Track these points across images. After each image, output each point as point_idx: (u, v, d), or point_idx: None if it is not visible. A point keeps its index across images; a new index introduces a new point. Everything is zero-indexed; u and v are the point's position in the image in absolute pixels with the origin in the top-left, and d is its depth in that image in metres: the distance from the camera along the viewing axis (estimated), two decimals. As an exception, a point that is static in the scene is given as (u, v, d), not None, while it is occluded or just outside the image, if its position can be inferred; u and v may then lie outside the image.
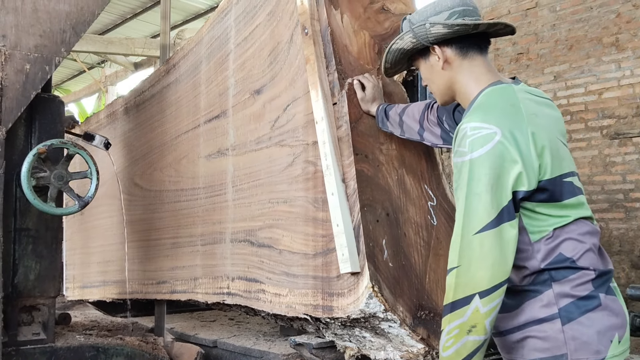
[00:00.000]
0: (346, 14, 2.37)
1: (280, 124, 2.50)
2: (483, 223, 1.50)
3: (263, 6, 2.61)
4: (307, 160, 2.34)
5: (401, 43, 1.81)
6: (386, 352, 2.30)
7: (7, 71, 2.59)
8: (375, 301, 2.07)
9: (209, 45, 2.96)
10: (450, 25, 1.67)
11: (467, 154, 1.53)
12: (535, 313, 1.56)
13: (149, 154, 3.51)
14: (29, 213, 2.75)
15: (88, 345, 2.79)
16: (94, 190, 2.79)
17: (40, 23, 2.67)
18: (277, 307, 2.45)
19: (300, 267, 2.35)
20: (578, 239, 1.57)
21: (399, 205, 2.27)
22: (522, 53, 7.67)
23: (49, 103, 2.83)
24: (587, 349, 1.51)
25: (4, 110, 2.57)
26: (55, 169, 2.70)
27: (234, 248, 2.72)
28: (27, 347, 2.69)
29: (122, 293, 3.68)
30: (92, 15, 2.78)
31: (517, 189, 1.51)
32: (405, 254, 2.23)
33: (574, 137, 7.00)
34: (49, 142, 2.67)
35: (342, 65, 2.31)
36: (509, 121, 1.54)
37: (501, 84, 1.66)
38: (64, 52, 2.73)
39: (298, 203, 2.38)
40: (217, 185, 2.86)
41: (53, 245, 2.83)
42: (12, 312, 2.70)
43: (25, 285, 2.75)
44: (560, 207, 1.56)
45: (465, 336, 1.50)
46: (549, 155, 1.54)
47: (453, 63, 1.73)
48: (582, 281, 1.55)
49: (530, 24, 7.57)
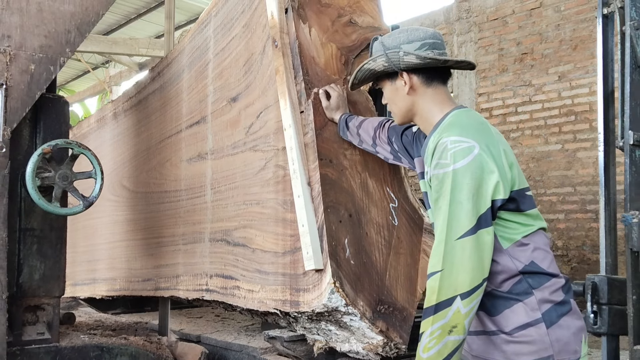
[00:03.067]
0: (314, 28, 2.59)
1: (254, 130, 2.72)
2: (465, 229, 1.63)
3: (239, 19, 2.83)
4: (277, 165, 2.56)
5: (373, 64, 1.95)
6: (350, 344, 2.52)
7: (12, 71, 2.61)
8: (337, 296, 2.27)
9: (190, 55, 3.19)
10: (423, 58, 1.84)
11: (449, 165, 1.67)
12: (520, 319, 1.67)
13: (136, 157, 3.74)
14: (34, 213, 2.79)
15: (92, 345, 2.84)
16: (98, 190, 2.82)
17: (45, 23, 2.70)
18: (250, 302, 2.67)
19: (270, 265, 2.57)
20: (544, 248, 1.74)
21: (362, 207, 2.48)
22: (527, 53, 7.81)
23: (53, 103, 2.87)
24: (567, 350, 1.66)
25: (8, 110, 2.59)
26: (60, 169, 2.74)
27: (212, 247, 2.95)
28: (32, 346, 2.72)
29: (110, 290, 3.91)
30: (97, 16, 2.82)
31: (495, 198, 1.65)
32: (367, 252, 2.44)
33: (578, 137, 7.12)
34: (54, 142, 2.71)
35: (309, 75, 2.53)
36: (483, 136, 1.71)
37: (465, 108, 1.87)
38: (68, 53, 2.76)
39: (269, 205, 2.60)
40: (197, 187, 3.10)
41: (58, 245, 2.86)
42: (17, 311, 2.74)
43: (30, 285, 2.78)
44: (526, 216, 1.72)
45: (446, 336, 1.61)
46: (516, 169, 1.73)
47: (418, 90, 1.89)
48: (555, 288, 1.71)
49: (535, 23, 7.68)
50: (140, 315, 3.88)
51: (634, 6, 2.23)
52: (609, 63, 2.38)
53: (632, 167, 2.20)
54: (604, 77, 2.37)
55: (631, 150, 2.20)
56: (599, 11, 2.35)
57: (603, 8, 2.33)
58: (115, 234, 3.93)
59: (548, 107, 7.56)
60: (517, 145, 8.06)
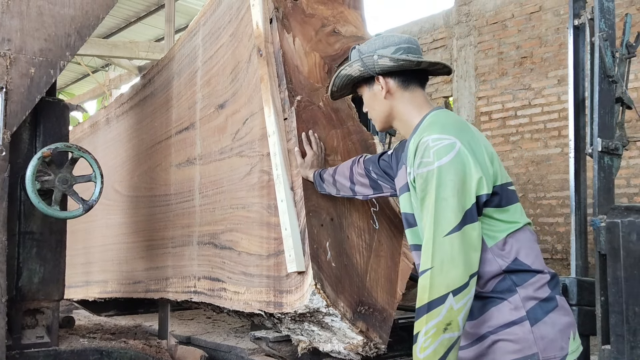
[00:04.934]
0: (298, 37, 2.72)
1: (240, 136, 2.86)
2: (452, 225, 1.66)
3: (226, 28, 2.98)
4: (262, 170, 2.69)
5: (349, 70, 2.01)
6: (332, 344, 2.64)
7: (12, 75, 2.65)
8: (318, 297, 2.40)
9: (180, 62, 3.34)
10: (397, 60, 1.90)
11: (433, 162, 1.71)
12: (505, 317, 1.71)
13: (128, 162, 3.90)
14: (34, 216, 2.83)
15: (92, 349, 2.88)
16: (98, 194, 2.85)
17: (45, 27, 2.73)
18: (236, 304, 2.80)
19: (255, 267, 2.70)
20: (529, 245, 1.78)
21: (343, 211, 2.61)
22: (526, 57, 7.92)
23: (53, 107, 2.92)
24: (553, 347, 1.68)
25: (8, 113, 2.62)
26: (59, 173, 2.78)
27: (200, 250, 3.10)
28: (31, 350, 2.75)
29: (102, 292, 4.06)
30: (97, 19, 2.86)
31: (479, 193, 1.70)
32: (348, 255, 2.57)
33: (578, 141, 7.25)
34: (54, 146, 2.75)
35: (293, 84, 2.67)
36: (463, 133, 1.76)
37: (443, 109, 1.96)
38: (68, 56, 2.80)
39: (254, 209, 2.74)
40: (186, 192, 3.25)
41: (57, 248, 2.92)
42: (16, 315, 2.77)
43: (30, 288, 2.81)
44: (509, 212, 1.77)
45: (441, 335, 1.62)
46: (497, 164, 1.78)
47: (395, 93, 1.95)
48: (540, 284, 1.74)
49: (534, 27, 7.79)
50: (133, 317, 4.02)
51: (603, 18, 2.37)
52: (579, 72, 2.51)
53: (601, 173, 2.34)
54: (574, 86, 2.51)
55: (599, 156, 2.34)
56: (570, 22, 2.49)
57: (574, 19, 2.48)
58: (107, 237, 4.08)
59: (548, 110, 7.68)
60: (517, 148, 8.18)
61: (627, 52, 2.46)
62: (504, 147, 8.31)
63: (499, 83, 8.41)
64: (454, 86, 9.07)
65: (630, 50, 2.45)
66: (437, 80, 9.35)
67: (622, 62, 2.43)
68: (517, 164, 8.17)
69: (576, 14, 2.49)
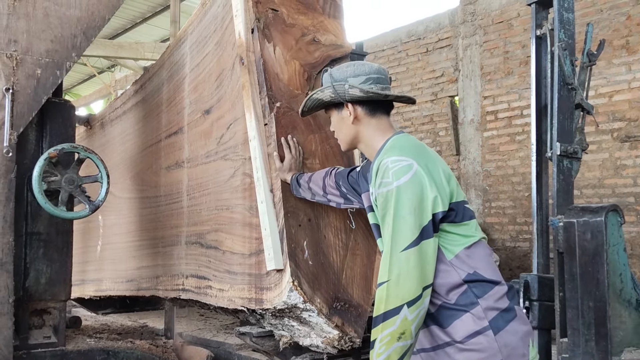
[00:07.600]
0: (279, 46, 2.93)
1: (225, 140, 3.10)
2: (408, 241, 1.83)
3: (212, 37, 3.22)
4: (244, 173, 2.90)
5: (321, 95, 2.19)
6: (311, 338, 2.86)
7: (19, 76, 2.73)
8: (296, 294, 2.61)
9: (169, 69, 3.59)
10: (366, 91, 2.07)
11: (392, 182, 1.88)
12: (469, 327, 1.85)
13: (121, 164, 4.16)
14: (40, 217, 2.92)
15: (98, 349, 3.00)
16: (104, 194, 2.96)
17: (51, 28, 2.82)
18: (221, 300, 3.03)
19: (238, 266, 2.92)
20: (486, 258, 1.95)
21: (321, 212, 2.82)
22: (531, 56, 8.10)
23: (60, 107, 3.02)
24: (516, 354, 1.84)
25: (15, 114, 2.69)
26: (66, 173, 2.89)
27: (188, 249, 3.34)
28: (38, 350, 2.85)
29: (97, 291, 4.33)
30: (103, 20, 2.96)
31: (435, 211, 1.86)
32: (325, 253, 2.78)
33: (585, 140, 7.38)
34: (60, 147, 2.85)
35: (273, 91, 2.88)
36: (420, 156, 1.94)
37: (404, 133, 2.15)
38: (74, 57, 2.89)
39: (237, 210, 2.96)
40: (175, 193, 3.49)
41: (64, 249, 3.01)
42: (24, 315, 2.86)
43: (37, 288, 2.90)
44: (465, 227, 1.95)
45: (395, 343, 1.80)
46: (454, 183, 1.96)
47: (362, 120, 2.13)
48: (499, 295, 1.90)
49: (540, 26, 7.98)
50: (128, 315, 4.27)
51: (562, 29, 2.59)
52: (541, 80, 2.72)
53: (560, 176, 2.56)
54: (536, 93, 2.72)
55: (559, 160, 2.56)
56: (532, 32, 2.70)
57: (536, 30, 2.70)
58: (102, 237, 4.35)
59: (553, 110, 7.82)
60: (523, 148, 8.34)
61: (589, 60, 2.68)
62: (509, 147, 8.48)
63: (505, 82, 8.58)
64: (459, 85, 9.26)
65: (591, 59, 2.67)
66: (443, 80, 9.54)
67: (583, 70, 2.65)
68: (523, 163, 8.33)
69: (538, 25, 2.70)
